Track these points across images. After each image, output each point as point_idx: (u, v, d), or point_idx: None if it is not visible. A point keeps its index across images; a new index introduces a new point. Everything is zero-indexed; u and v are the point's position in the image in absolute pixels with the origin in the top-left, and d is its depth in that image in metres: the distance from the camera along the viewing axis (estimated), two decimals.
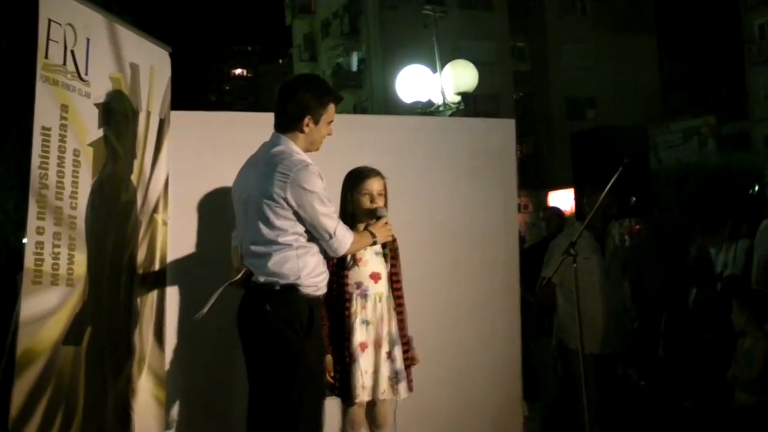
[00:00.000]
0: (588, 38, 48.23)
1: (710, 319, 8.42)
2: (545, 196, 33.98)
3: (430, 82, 13.63)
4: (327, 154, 4.79)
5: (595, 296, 6.38)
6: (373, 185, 5.15)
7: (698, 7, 53.11)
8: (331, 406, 4.92)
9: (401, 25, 42.87)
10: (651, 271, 9.26)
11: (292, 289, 4.44)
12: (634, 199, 7.13)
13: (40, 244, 4.13)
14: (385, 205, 5.16)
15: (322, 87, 4.75)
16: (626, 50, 47.66)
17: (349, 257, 5.00)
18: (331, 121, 4.71)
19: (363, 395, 4.97)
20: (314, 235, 4.52)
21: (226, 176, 4.92)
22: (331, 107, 4.70)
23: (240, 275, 4.57)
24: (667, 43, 52.30)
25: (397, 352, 5.10)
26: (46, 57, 4.19)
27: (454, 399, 6.11)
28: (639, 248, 10.10)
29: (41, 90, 4.16)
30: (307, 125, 4.59)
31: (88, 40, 4.54)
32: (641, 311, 9.47)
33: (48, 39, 4.20)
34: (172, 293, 5.56)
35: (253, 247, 4.50)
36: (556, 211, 9.52)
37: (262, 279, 4.47)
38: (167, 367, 5.50)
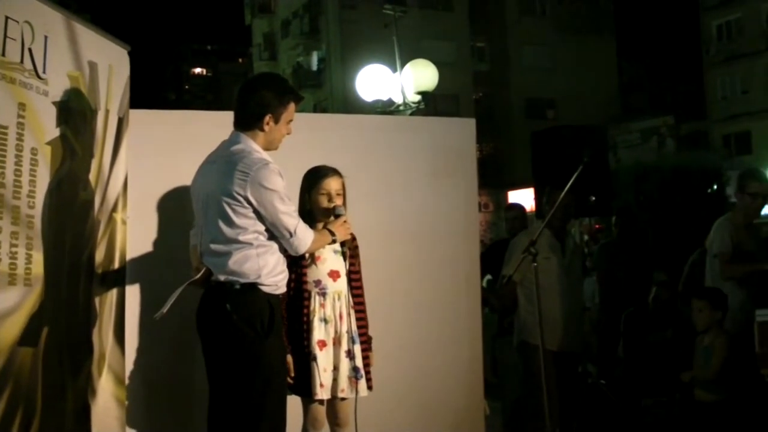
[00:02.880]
0: (548, 39, 48.46)
1: (669, 318, 8.49)
2: (505, 195, 34.06)
3: (390, 81, 13.63)
4: (287, 153, 4.78)
5: (555, 295, 6.43)
6: (331, 184, 5.13)
7: (657, 9, 53.59)
8: (294, 405, 4.90)
9: (361, 24, 42.99)
10: (620, 270, 9.28)
11: (252, 288, 4.43)
12: (593, 198, 7.18)
13: None
14: (344, 204, 5.14)
15: (283, 85, 4.74)
16: (585, 51, 47.91)
17: (307, 255, 4.97)
18: (291, 120, 4.69)
19: (322, 393, 4.95)
20: (275, 233, 4.50)
21: (185, 175, 4.88)
22: (292, 106, 4.68)
23: (200, 274, 4.54)
24: (626, 45, 52.72)
25: (357, 350, 5.08)
26: (3, 55, 4.14)
27: (415, 398, 6.11)
28: (608, 247, 10.12)
29: None
30: (267, 123, 4.57)
31: (46, 38, 4.49)
32: (605, 310, 9.50)
33: (5, 36, 4.15)
34: (132, 292, 5.52)
35: (212, 246, 4.48)
36: (521, 210, 8.95)
37: (222, 278, 4.44)
38: (127, 366, 5.46)
